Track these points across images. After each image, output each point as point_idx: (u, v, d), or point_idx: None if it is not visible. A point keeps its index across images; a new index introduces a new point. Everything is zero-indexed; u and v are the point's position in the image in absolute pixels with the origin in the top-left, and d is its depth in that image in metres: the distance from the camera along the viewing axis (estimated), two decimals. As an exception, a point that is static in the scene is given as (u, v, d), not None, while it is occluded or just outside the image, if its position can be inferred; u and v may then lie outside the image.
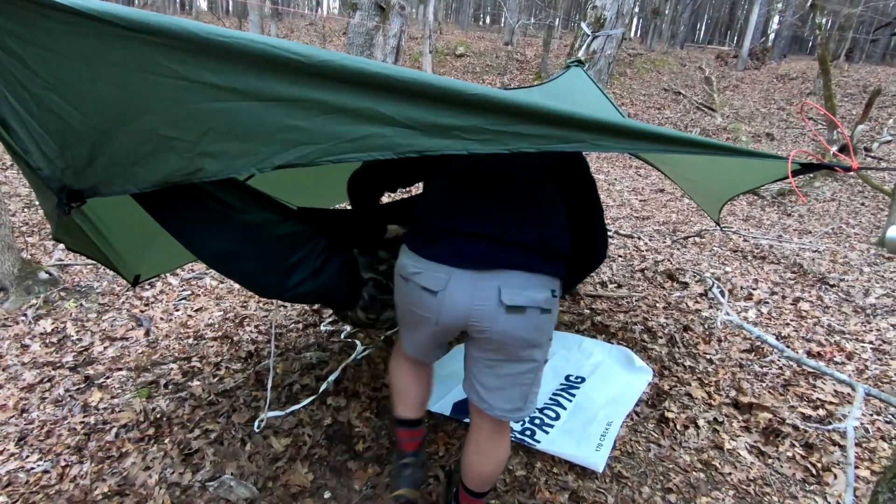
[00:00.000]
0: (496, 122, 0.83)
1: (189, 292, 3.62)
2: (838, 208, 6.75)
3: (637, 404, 2.31)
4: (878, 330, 3.19)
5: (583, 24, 4.97)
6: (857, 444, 2.10)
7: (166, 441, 2.07)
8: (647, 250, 4.70)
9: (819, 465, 1.98)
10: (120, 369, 2.60)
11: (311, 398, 2.35)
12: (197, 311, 3.39)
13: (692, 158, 2.20)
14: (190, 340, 3.00)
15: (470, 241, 1.26)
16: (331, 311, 3.30)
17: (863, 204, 6.90)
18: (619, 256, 4.47)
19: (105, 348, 2.79)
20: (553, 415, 2.20)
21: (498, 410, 1.37)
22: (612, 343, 2.81)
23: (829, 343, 2.98)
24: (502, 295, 1.23)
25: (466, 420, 2.17)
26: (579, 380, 2.49)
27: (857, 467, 1.98)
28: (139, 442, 2.07)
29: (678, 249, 4.82)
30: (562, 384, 2.46)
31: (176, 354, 2.82)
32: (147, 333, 3.06)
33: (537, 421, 2.14)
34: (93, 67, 0.84)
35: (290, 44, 0.82)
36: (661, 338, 2.97)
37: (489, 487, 1.51)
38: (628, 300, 3.53)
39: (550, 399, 2.32)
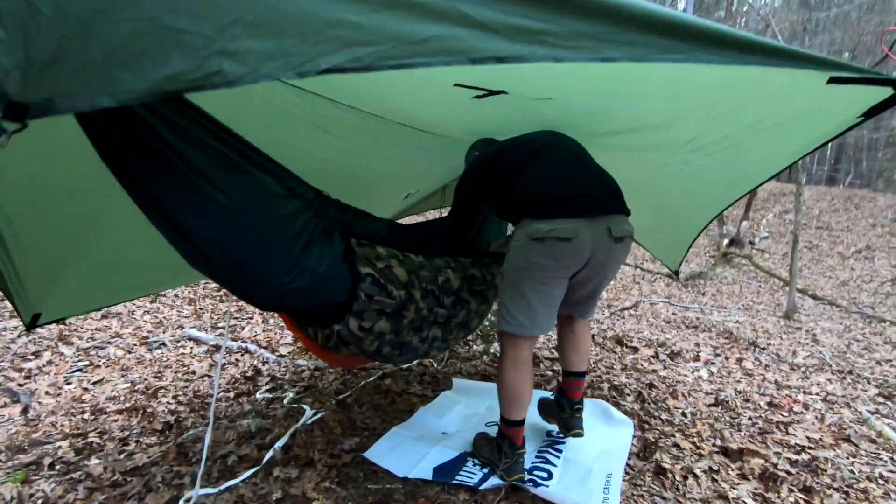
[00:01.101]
0: (594, 26, 0.73)
1: (86, 363, 3.01)
2: (741, 290, 7.41)
3: (629, 457, 2.12)
4: (817, 384, 3.33)
5: None
6: (849, 486, 2.04)
7: (50, 534, 1.53)
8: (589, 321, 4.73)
9: (824, 509, 1.88)
10: (-15, 448, 1.98)
11: (253, 469, 1.90)
12: (95, 383, 2.80)
13: (667, 189, 2.27)
14: (86, 415, 2.41)
15: (581, 199, 1.69)
16: (267, 380, 2.86)
17: (760, 286, 7.65)
18: (566, 325, 4.46)
19: (-35, 424, 2.15)
20: (545, 474, 1.93)
21: (592, 314, 2.11)
22: (586, 399, 2.64)
23: (782, 396, 3.03)
24: (612, 231, 1.69)
25: (451, 482, 1.85)
26: (562, 435, 2.26)
27: (857, 508, 1.90)
28: (8, 538, 1.50)
29: (618, 320, 4.92)
30: (545, 440, 2.21)
31: (66, 431, 2.23)
32: (25, 410, 2.43)
33: (529, 483, 1.86)
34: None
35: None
36: (629, 395, 2.87)
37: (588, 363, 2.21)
38: (586, 364, 3.43)
39: (537, 457, 2.06)
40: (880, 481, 2.10)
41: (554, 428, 2.32)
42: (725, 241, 9.67)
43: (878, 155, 15.60)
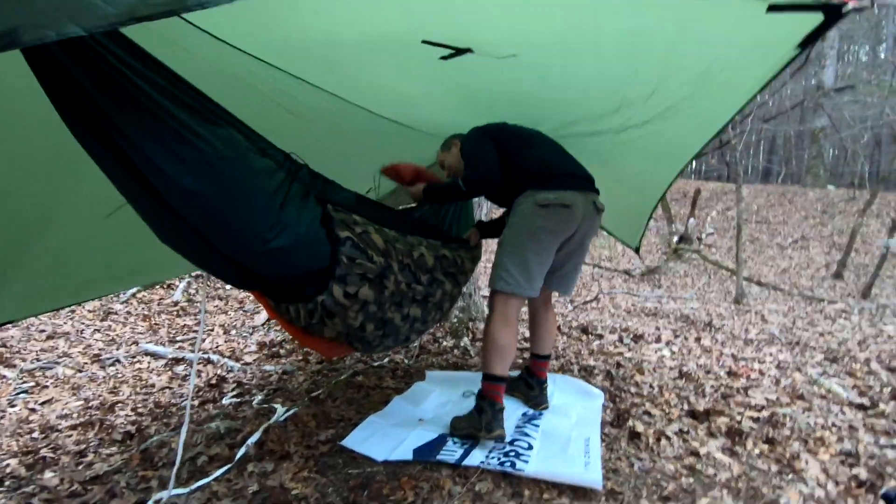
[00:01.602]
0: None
1: (32, 384, 2.82)
2: (693, 281, 7.75)
3: (603, 426, 2.17)
4: (770, 354, 3.52)
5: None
6: (807, 436, 2.16)
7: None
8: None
9: (787, 456, 1.98)
10: (-78, 470, 1.81)
11: (226, 467, 1.82)
12: (44, 403, 2.62)
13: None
14: (35, 434, 2.26)
15: (576, 177, 2.05)
16: (233, 386, 2.76)
17: (710, 277, 8.03)
18: (532, 319, 4.52)
19: None
20: (525, 445, 1.95)
21: (572, 291, 2.40)
22: (554, 375, 2.69)
23: (739, 366, 3.18)
24: (596, 204, 2.08)
25: (433, 459, 1.83)
26: (538, 413, 2.29)
27: (815, 453, 2.01)
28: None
29: (581, 312, 5.04)
30: (520, 418, 2.23)
31: (14, 450, 2.08)
32: (-36, 435, 2.24)
33: (511, 453, 1.87)
34: None
35: None
36: (598, 374, 2.94)
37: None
38: (554, 349, 3.49)
39: (516, 431, 2.08)
40: (834, 429, 2.24)
41: (527, 409, 2.34)
42: (675, 238, 10.10)
43: (804, 154, 16.83)
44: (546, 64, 1.62)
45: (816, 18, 1.05)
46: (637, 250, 3.02)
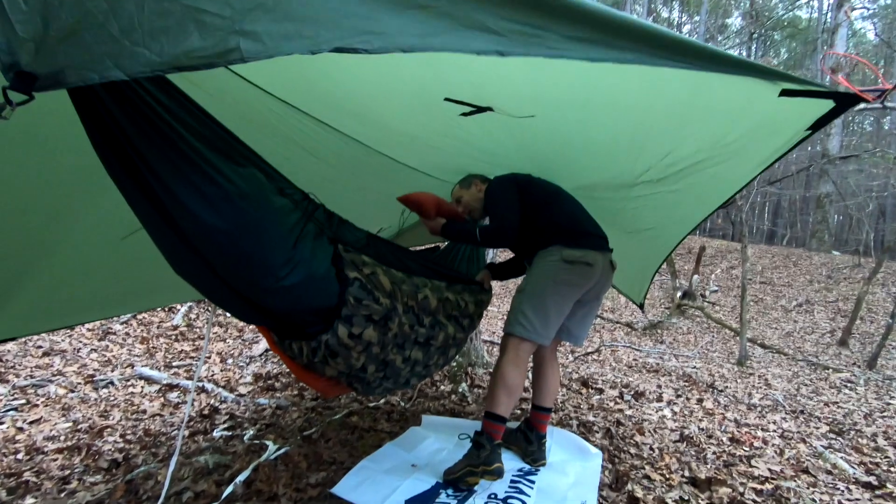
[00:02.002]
0: (580, 31, 0.82)
1: (23, 401, 2.78)
2: (696, 339, 7.66)
3: (601, 488, 2.10)
4: (774, 422, 3.44)
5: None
6: (812, 512, 2.08)
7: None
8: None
9: (791, 534, 1.90)
10: None
11: (212, 505, 1.77)
12: (32, 422, 2.58)
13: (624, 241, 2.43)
14: (20, 455, 2.21)
15: (598, 237, 2.17)
16: (226, 418, 2.71)
17: (713, 336, 7.94)
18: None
19: None
20: (519, 501, 1.89)
21: (583, 341, 2.39)
22: (551, 428, 2.63)
23: (742, 432, 3.10)
24: (612, 262, 2.22)
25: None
26: (535, 469, 2.23)
27: (821, 534, 1.94)
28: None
29: (582, 364, 4.97)
30: (516, 472, 2.17)
31: (-3, 471, 2.03)
32: (-52, 450, 2.20)
33: (504, 512, 1.82)
34: None
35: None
36: (597, 431, 2.87)
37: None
38: (554, 402, 3.43)
39: (510, 486, 2.02)
40: (841, 508, 2.16)
41: (523, 465, 2.28)
42: (679, 294, 10.07)
43: (808, 219, 16.97)
44: (563, 126, 1.67)
45: (827, 104, 1.09)
46: (641, 306, 3.01)
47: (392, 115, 1.67)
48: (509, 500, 1.91)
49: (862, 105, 1.01)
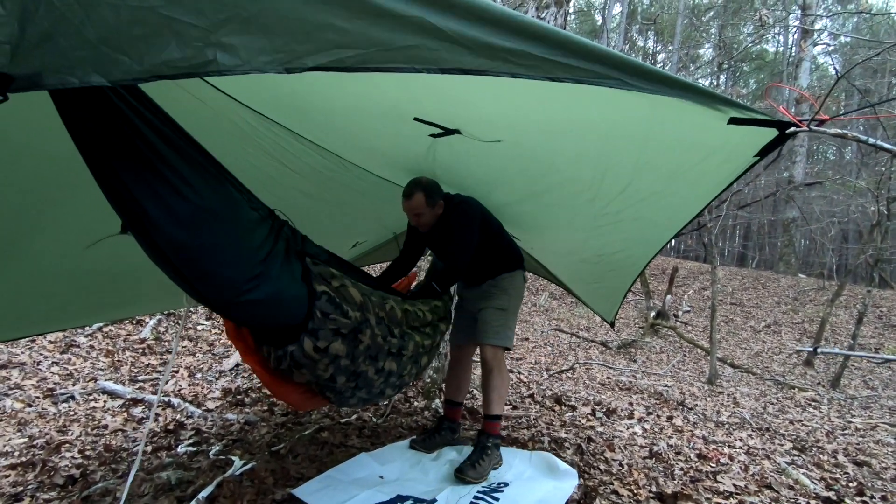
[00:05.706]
0: (544, 49, 0.86)
1: (-25, 415, 2.66)
2: (668, 358, 7.79)
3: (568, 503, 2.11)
4: (740, 439, 3.51)
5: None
6: (773, 527, 2.12)
7: None
8: (529, 381, 4.79)
9: (753, 548, 1.94)
10: None
11: (173, 522, 1.72)
12: (-16, 438, 2.47)
13: (592, 266, 2.51)
14: (-32, 472, 2.11)
15: None
16: (191, 433, 2.64)
17: (685, 355, 8.08)
18: (507, 385, 4.47)
19: None
20: (484, 517, 1.89)
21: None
22: (530, 451, 2.63)
23: (709, 449, 3.16)
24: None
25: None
26: (502, 485, 2.23)
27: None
28: None
29: (556, 381, 5.00)
30: (480, 491, 2.16)
31: (-58, 488, 1.94)
32: None
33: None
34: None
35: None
36: (569, 448, 2.89)
37: None
38: (526, 418, 3.44)
39: (474, 500, 2.01)
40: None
41: (494, 480, 2.27)
42: (652, 314, 10.24)
43: (776, 242, 17.53)
44: (528, 151, 1.72)
45: (771, 133, 1.17)
46: (612, 324, 3.07)
47: (362, 129, 1.70)
48: (474, 515, 1.91)
49: (793, 129, 1.09)
